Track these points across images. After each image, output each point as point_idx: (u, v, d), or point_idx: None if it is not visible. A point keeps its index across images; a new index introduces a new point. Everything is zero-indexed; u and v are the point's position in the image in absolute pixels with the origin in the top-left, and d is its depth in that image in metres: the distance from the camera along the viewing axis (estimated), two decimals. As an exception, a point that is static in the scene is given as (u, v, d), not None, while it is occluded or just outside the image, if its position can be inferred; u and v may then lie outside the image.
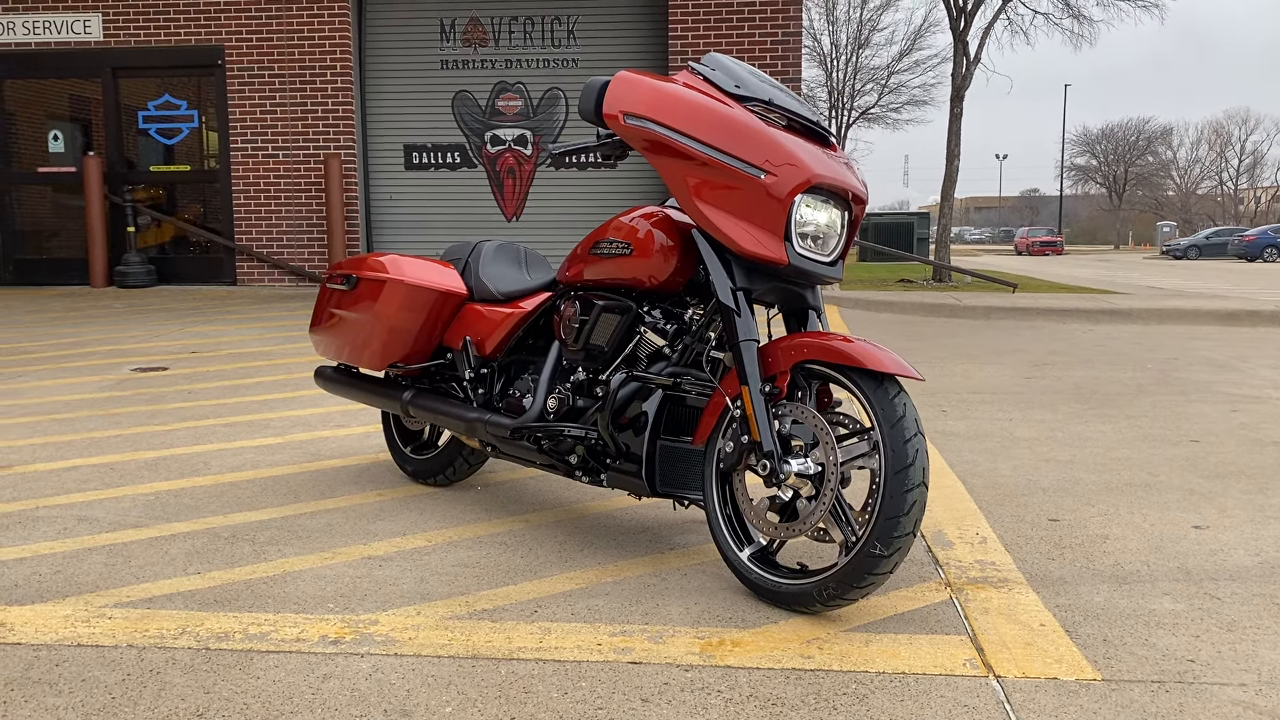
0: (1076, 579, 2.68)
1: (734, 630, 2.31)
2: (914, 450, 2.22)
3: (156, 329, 7.84)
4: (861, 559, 2.24)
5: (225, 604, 2.47)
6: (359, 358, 3.45)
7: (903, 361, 2.30)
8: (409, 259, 3.38)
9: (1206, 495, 3.51)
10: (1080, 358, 7.04)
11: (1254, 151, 73.05)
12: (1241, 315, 9.67)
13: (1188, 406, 5.18)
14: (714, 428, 2.54)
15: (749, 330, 2.45)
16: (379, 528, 3.08)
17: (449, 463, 3.47)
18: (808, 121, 2.56)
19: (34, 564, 2.75)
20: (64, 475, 3.67)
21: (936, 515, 3.21)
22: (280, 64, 11.21)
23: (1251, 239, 41.04)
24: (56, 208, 11.95)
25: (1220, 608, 2.48)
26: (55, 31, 11.37)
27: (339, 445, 4.15)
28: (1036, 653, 2.20)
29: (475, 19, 11.37)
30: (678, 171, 2.50)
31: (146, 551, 2.85)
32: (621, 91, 2.56)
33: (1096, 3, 16.99)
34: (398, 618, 2.38)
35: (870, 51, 34.60)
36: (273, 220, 11.42)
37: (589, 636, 2.27)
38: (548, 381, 2.91)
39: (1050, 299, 11.13)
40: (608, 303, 2.76)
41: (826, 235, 2.49)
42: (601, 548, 2.89)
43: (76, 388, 5.40)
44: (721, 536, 2.54)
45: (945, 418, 4.81)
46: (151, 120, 11.62)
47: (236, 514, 3.21)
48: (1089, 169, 72.04)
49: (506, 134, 11.48)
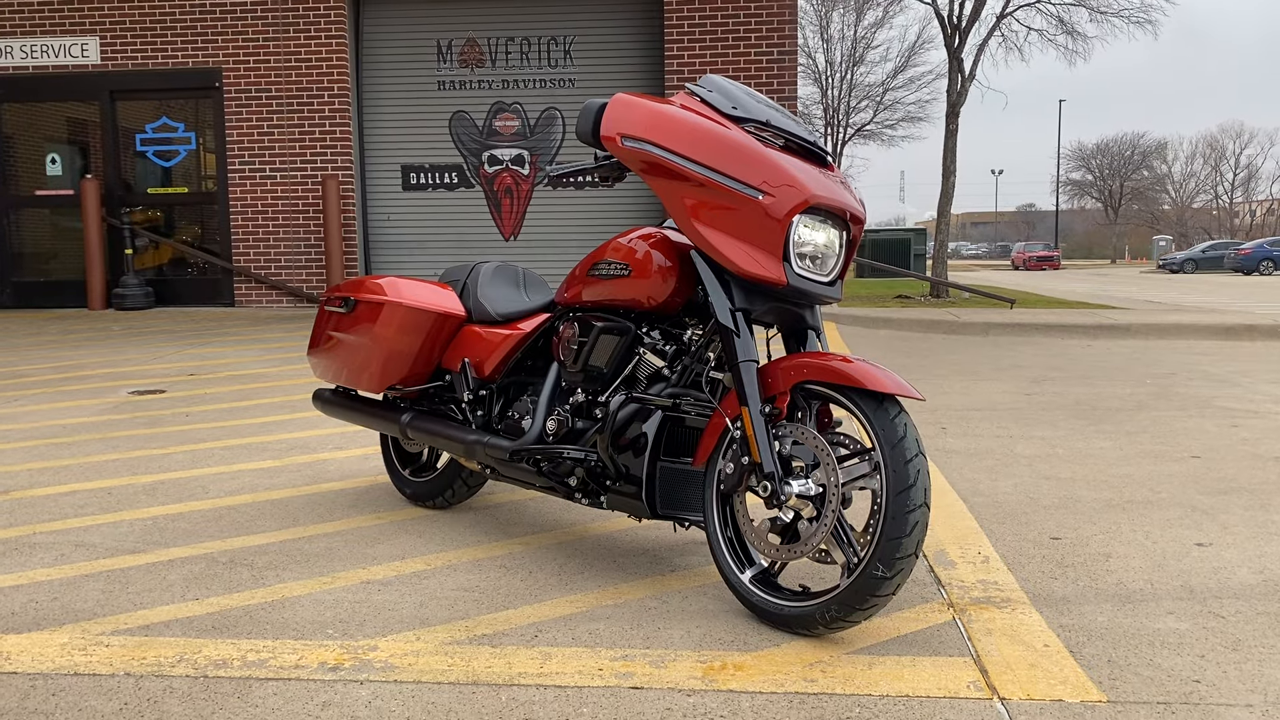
0: (1080, 598, 2.66)
1: (736, 653, 2.30)
2: (915, 471, 2.21)
3: (154, 351, 7.83)
4: (864, 580, 2.23)
5: (223, 630, 2.45)
6: (357, 380, 3.44)
7: (903, 381, 2.29)
8: (407, 281, 3.37)
9: (1208, 512, 3.50)
10: (1079, 373, 7.04)
11: (1248, 165, 73.38)
12: (1240, 329, 9.68)
13: (1187, 422, 5.17)
14: (714, 449, 2.53)
15: (748, 351, 2.45)
16: (378, 551, 3.06)
17: (448, 485, 3.45)
18: (805, 142, 2.56)
19: (31, 591, 2.74)
20: (61, 500, 3.66)
21: (938, 534, 3.20)
22: (278, 85, 11.24)
23: (1247, 252, 41.18)
24: (54, 230, 11.96)
25: (1225, 626, 2.47)
26: (53, 55, 11.40)
27: (338, 468, 4.14)
28: (1041, 674, 2.19)
29: (472, 40, 11.41)
30: (675, 193, 2.50)
31: (144, 577, 2.84)
32: (619, 113, 2.57)
33: (1090, 19, 17.06)
34: (397, 643, 2.36)
35: (865, 68, 34.74)
36: (270, 241, 11.43)
37: (590, 661, 2.26)
38: (547, 403, 2.91)
39: (1048, 314, 11.14)
40: (606, 324, 2.75)
41: (825, 255, 2.49)
42: (602, 570, 2.88)
43: (74, 411, 5.38)
44: (723, 558, 2.53)
45: (945, 435, 4.80)
46: (149, 143, 11.65)
47: (235, 538, 3.20)
48: (1085, 184, 72.32)
49: (504, 154, 11.50)
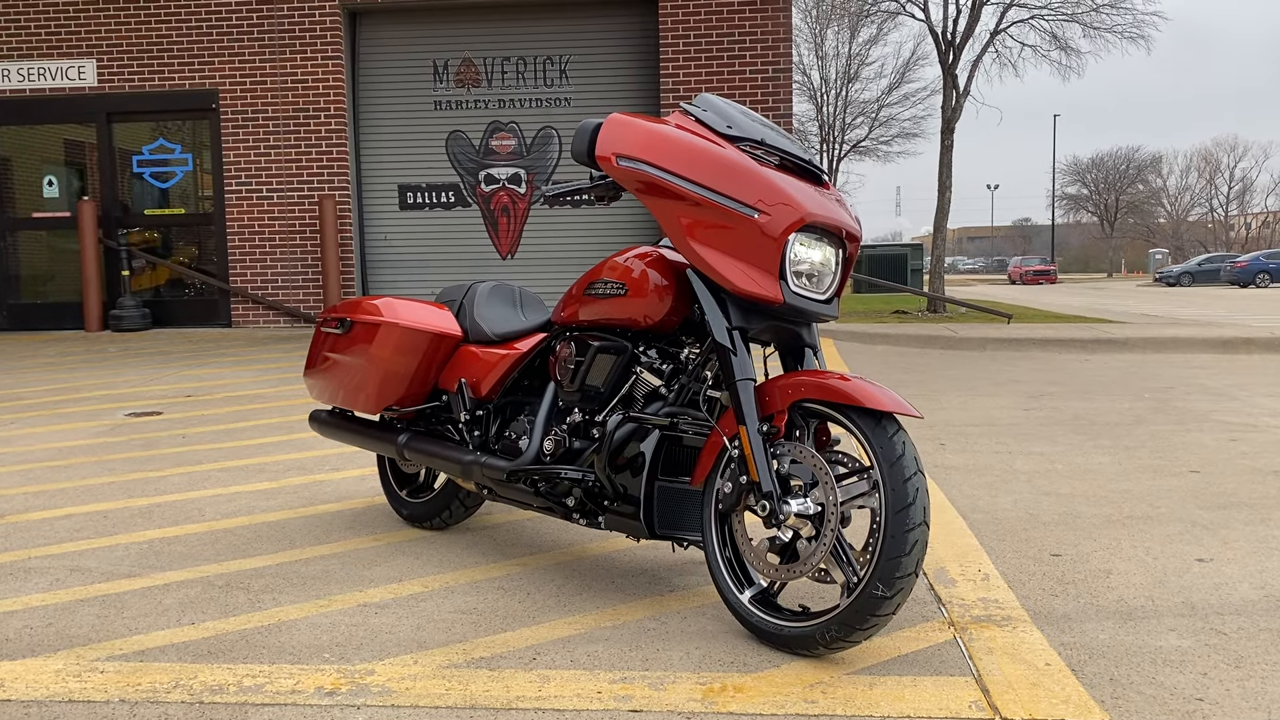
0: (1081, 615, 2.65)
1: (736, 675, 2.28)
2: (914, 489, 2.20)
3: (151, 373, 7.81)
4: (864, 600, 2.21)
5: (219, 655, 2.43)
6: (354, 401, 3.43)
7: (901, 399, 2.28)
8: (403, 301, 3.37)
9: (1209, 527, 3.49)
10: (1077, 388, 7.04)
11: (1243, 178, 73.50)
12: (1237, 343, 9.68)
13: (1186, 436, 5.17)
14: (712, 468, 2.52)
15: (745, 369, 2.44)
16: (375, 573, 3.05)
17: (445, 506, 3.44)
18: (800, 160, 2.56)
19: (25, 617, 2.72)
20: (57, 524, 3.64)
21: (938, 551, 3.18)
22: (274, 106, 11.27)
23: (1243, 265, 41.30)
24: (51, 252, 11.96)
25: (1227, 643, 2.45)
26: (50, 78, 11.43)
27: (334, 489, 4.12)
28: (1043, 693, 2.17)
29: (468, 59, 11.45)
30: (671, 212, 2.50)
31: (140, 602, 2.82)
32: (614, 134, 2.57)
33: (1083, 34, 17.14)
34: (394, 667, 2.34)
35: (860, 85, 34.76)
36: (267, 262, 11.43)
37: (589, 684, 2.24)
38: (544, 423, 2.90)
39: (1046, 329, 11.14)
40: (603, 343, 2.75)
41: (821, 273, 2.49)
42: (600, 591, 2.86)
43: (70, 434, 5.36)
44: (721, 579, 2.52)
45: (944, 451, 4.79)
46: (146, 164, 11.67)
47: (231, 561, 3.18)
48: (1080, 198, 72.49)
49: (500, 173, 11.52)
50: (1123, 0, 16.54)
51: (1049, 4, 16.81)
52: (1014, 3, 16.39)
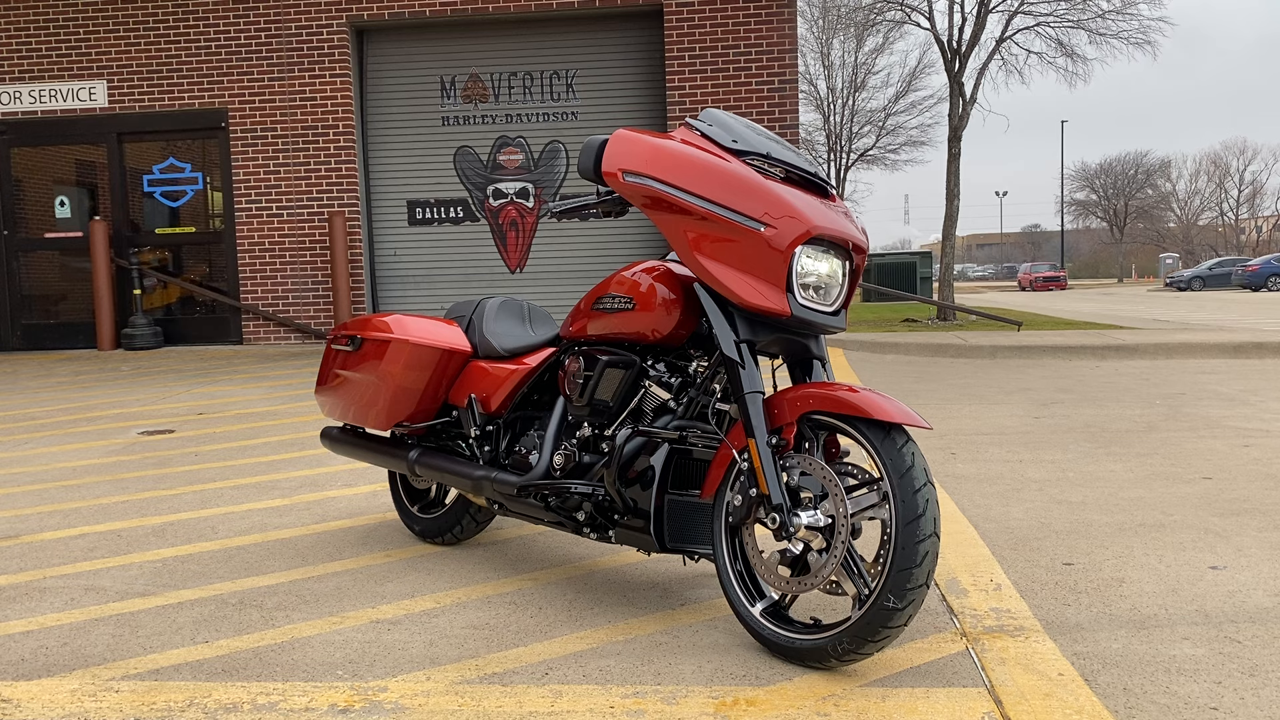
0: (1094, 625, 2.64)
1: (748, 688, 2.28)
2: (924, 500, 2.20)
3: (163, 391, 7.85)
4: (875, 612, 2.21)
5: (233, 673, 2.44)
6: (365, 418, 3.44)
7: (910, 410, 2.29)
8: (413, 318, 3.39)
9: (1222, 534, 3.47)
10: (1088, 395, 7.02)
11: (1253, 181, 73.38)
12: (1249, 347, 9.64)
13: (1198, 442, 5.15)
14: (722, 481, 2.52)
15: (754, 382, 2.45)
16: (387, 590, 3.05)
17: (456, 521, 3.45)
18: (805, 173, 2.57)
19: (40, 637, 2.73)
20: (71, 543, 3.66)
21: (950, 561, 3.18)
22: (283, 124, 11.34)
23: (1255, 269, 41.08)
24: (63, 272, 12.04)
25: (1241, 651, 2.44)
26: (61, 100, 11.53)
27: (346, 505, 4.14)
28: (1056, 704, 2.17)
29: (475, 75, 11.51)
30: (678, 226, 2.51)
31: (154, 621, 2.83)
32: (620, 149, 2.58)
33: (1089, 41, 17.14)
34: (407, 684, 2.35)
35: (867, 94, 34.77)
36: (278, 279, 11.49)
37: (601, 699, 2.24)
38: (553, 438, 2.91)
39: (1056, 336, 11.11)
40: (611, 358, 2.76)
41: (828, 285, 2.49)
42: (612, 605, 2.86)
43: (84, 453, 5.39)
44: (733, 592, 2.52)
45: (954, 460, 4.78)
46: (157, 183, 11.74)
47: (245, 579, 3.19)
48: (1089, 203, 72.29)
49: (508, 187, 11.57)
50: (1128, 6, 16.53)
51: (1054, 11, 16.83)
52: (1019, 10, 16.41)
